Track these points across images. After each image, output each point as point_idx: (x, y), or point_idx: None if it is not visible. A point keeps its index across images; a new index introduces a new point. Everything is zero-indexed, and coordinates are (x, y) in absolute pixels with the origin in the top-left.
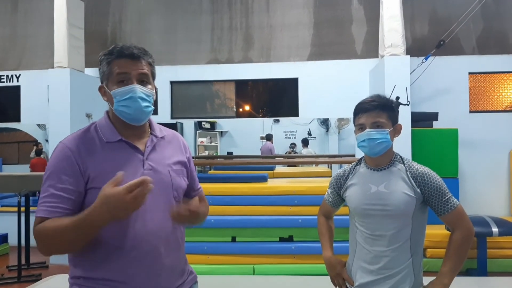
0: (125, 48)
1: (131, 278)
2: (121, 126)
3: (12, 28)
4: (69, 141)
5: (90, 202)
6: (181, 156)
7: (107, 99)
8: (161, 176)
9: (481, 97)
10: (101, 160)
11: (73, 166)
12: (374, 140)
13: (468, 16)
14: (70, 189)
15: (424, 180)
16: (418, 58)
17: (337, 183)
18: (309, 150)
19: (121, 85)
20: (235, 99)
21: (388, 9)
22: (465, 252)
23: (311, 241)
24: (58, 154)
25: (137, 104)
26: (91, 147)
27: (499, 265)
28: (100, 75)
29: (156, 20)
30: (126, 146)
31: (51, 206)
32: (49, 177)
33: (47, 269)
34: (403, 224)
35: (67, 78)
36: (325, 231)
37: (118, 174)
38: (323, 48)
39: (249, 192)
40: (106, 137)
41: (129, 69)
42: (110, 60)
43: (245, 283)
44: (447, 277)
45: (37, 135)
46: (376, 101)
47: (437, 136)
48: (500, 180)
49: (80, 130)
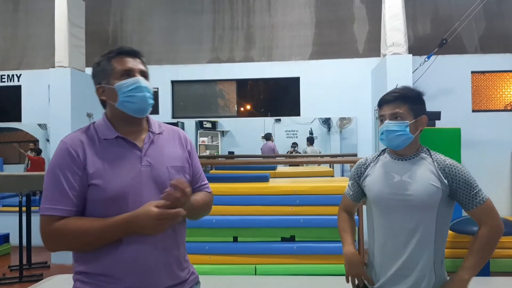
0: (122, 47)
1: (128, 274)
2: (119, 124)
3: (13, 28)
4: (69, 139)
5: (91, 196)
6: (181, 150)
7: (107, 97)
8: (159, 173)
9: (484, 96)
10: (98, 157)
11: (76, 163)
12: (392, 133)
13: (471, 15)
14: (76, 186)
15: (452, 171)
16: (420, 57)
17: (357, 172)
18: (314, 148)
19: (126, 78)
20: (237, 98)
21: (390, 8)
22: (492, 249)
23: (313, 241)
24: (60, 152)
25: (143, 93)
26: (90, 144)
27: (501, 265)
28: (97, 76)
29: (157, 20)
30: (124, 142)
31: (66, 205)
32: (55, 175)
33: (48, 269)
34: (426, 217)
35: (68, 77)
36: (346, 226)
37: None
38: (324, 47)
39: (251, 192)
40: (104, 134)
41: (131, 64)
42: (110, 57)
43: (247, 283)
44: (469, 272)
45: (38, 134)
46: (398, 92)
47: (440, 136)
48: (502, 180)
49: (80, 130)
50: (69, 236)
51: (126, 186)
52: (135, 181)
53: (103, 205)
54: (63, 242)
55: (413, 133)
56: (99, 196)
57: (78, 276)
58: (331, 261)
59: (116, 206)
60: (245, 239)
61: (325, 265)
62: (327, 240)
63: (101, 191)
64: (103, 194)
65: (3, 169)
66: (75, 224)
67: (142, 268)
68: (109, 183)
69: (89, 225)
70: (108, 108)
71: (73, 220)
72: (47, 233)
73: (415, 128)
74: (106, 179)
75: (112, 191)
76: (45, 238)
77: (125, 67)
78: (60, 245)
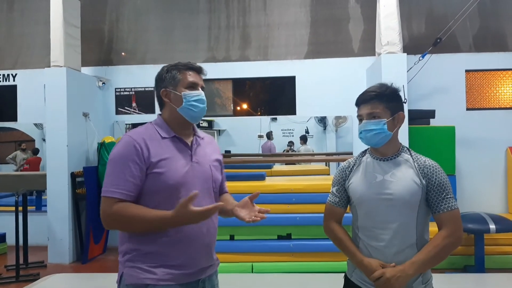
0: (192, 63)
1: (181, 253)
2: (174, 125)
3: (8, 27)
4: (134, 134)
5: (149, 184)
6: (218, 155)
7: (171, 100)
8: (204, 169)
9: (478, 95)
10: (160, 151)
11: (139, 155)
12: (369, 131)
13: (465, 14)
14: (137, 175)
15: (430, 171)
16: (415, 56)
17: (342, 176)
18: (308, 147)
19: (192, 90)
20: (233, 97)
21: (385, 7)
22: (444, 256)
23: (309, 239)
24: (125, 144)
25: (203, 105)
26: (152, 140)
27: (496, 262)
28: (165, 81)
29: (153, 19)
30: (178, 141)
31: (126, 190)
32: (119, 163)
33: (45, 268)
34: (408, 216)
35: (64, 77)
36: (344, 236)
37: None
38: (320, 46)
39: (247, 190)
40: (163, 133)
41: (197, 79)
42: (180, 69)
43: (244, 281)
44: (415, 268)
45: (34, 134)
46: (374, 92)
47: (434, 134)
48: (497, 177)
49: (141, 127)
50: (125, 219)
51: (183, 177)
52: (188, 174)
53: (160, 193)
54: (120, 223)
55: (391, 130)
56: (159, 183)
57: (128, 256)
58: (327, 259)
59: (171, 196)
60: (242, 237)
61: (321, 262)
62: (323, 238)
63: (163, 178)
64: (164, 181)
65: None
66: (132, 209)
67: (191, 248)
68: (172, 172)
69: (143, 213)
70: (166, 110)
71: (130, 206)
72: (107, 213)
73: (393, 126)
74: (169, 168)
75: (173, 179)
76: (105, 218)
77: (192, 80)
78: (117, 225)
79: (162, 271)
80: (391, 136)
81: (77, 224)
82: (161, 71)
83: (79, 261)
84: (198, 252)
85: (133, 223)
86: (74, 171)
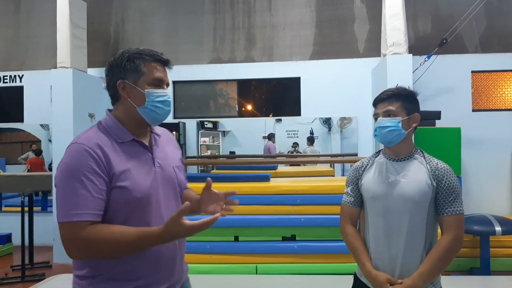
0: (159, 53)
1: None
2: (131, 126)
3: (15, 29)
4: (85, 140)
5: (114, 200)
6: (178, 153)
7: (129, 96)
8: (168, 173)
9: (484, 96)
10: (120, 159)
11: (99, 165)
12: (384, 128)
13: (471, 14)
14: (101, 189)
15: (441, 174)
16: (420, 57)
17: (356, 175)
18: (314, 148)
19: (157, 88)
20: (238, 98)
21: (390, 8)
22: (449, 261)
23: (314, 240)
24: (77, 154)
25: (168, 108)
26: (108, 146)
27: (502, 264)
28: (124, 71)
29: (158, 20)
30: (137, 144)
31: (96, 210)
32: (75, 178)
33: (50, 268)
34: (418, 216)
35: (70, 78)
36: (358, 243)
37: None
38: (325, 47)
39: (252, 192)
40: (120, 137)
41: (164, 75)
42: (145, 59)
43: (248, 282)
44: (423, 279)
45: (40, 135)
46: (392, 91)
47: (440, 135)
48: (503, 179)
49: (90, 130)
50: (101, 244)
51: (149, 187)
52: (154, 182)
53: (127, 207)
54: (94, 250)
55: (406, 129)
56: (125, 197)
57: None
58: (332, 260)
59: (139, 207)
60: (246, 238)
61: (326, 264)
62: (328, 239)
63: (128, 192)
64: (130, 195)
65: (5, 169)
66: (108, 231)
67: (164, 263)
68: (136, 185)
69: (121, 233)
70: (121, 106)
71: (104, 227)
72: (74, 241)
73: (408, 125)
74: (133, 181)
75: (140, 192)
76: (71, 246)
77: (158, 75)
78: (89, 253)
79: None
80: (405, 135)
81: None
82: (121, 56)
83: None
84: (171, 266)
85: (112, 247)
86: None
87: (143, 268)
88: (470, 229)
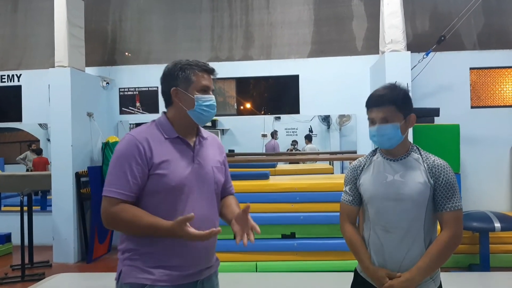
0: (206, 64)
1: (176, 255)
2: (179, 125)
3: (12, 28)
4: (136, 133)
5: (151, 185)
6: (220, 156)
7: (181, 101)
8: (206, 171)
9: (483, 93)
10: (163, 152)
11: (141, 155)
12: (384, 136)
13: (469, 11)
14: (138, 176)
15: (438, 171)
16: (419, 54)
17: (354, 175)
18: (313, 146)
19: (204, 94)
20: (236, 97)
21: (388, 5)
22: (447, 256)
23: (314, 238)
24: (127, 144)
25: (214, 111)
26: (154, 140)
27: (501, 260)
28: (177, 80)
29: (156, 19)
30: (181, 142)
31: (127, 191)
32: (121, 163)
33: (50, 268)
34: (416, 214)
35: (68, 77)
36: (357, 241)
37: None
38: (323, 45)
39: (251, 190)
40: (167, 134)
41: (210, 83)
42: (195, 70)
43: (248, 280)
44: (421, 274)
45: (39, 134)
46: (386, 94)
47: (439, 132)
48: (502, 176)
49: (144, 126)
50: (122, 221)
51: (185, 179)
52: (190, 175)
53: (161, 194)
54: (117, 224)
55: (403, 133)
56: (161, 184)
57: (127, 254)
58: (331, 258)
59: (172, 195)
60: None
61: (325, 261)
62: (327, 236)
63: (166, 180)
64: (166, 182)
65: (4, 169)
66: (130, 213)
67: (190, 250)
68: (173, 174)
69: (139, 218)
70: (174, 109)
71: (129, 208)
72: (106, 213)
73: (405, 128)
74: (171, 170)
75: (175, 181)
76: (104, 217)
77: (205, 83)
78: (115, 226)
79: (159, 272)
80: (403, 138)
81: (82, 223)
82: (174, 67)
83: (84, 261)
84: (197, 254)
85: (130, 226)
86: (78, 171)
87: (169, 251)
88: (469, 225)
